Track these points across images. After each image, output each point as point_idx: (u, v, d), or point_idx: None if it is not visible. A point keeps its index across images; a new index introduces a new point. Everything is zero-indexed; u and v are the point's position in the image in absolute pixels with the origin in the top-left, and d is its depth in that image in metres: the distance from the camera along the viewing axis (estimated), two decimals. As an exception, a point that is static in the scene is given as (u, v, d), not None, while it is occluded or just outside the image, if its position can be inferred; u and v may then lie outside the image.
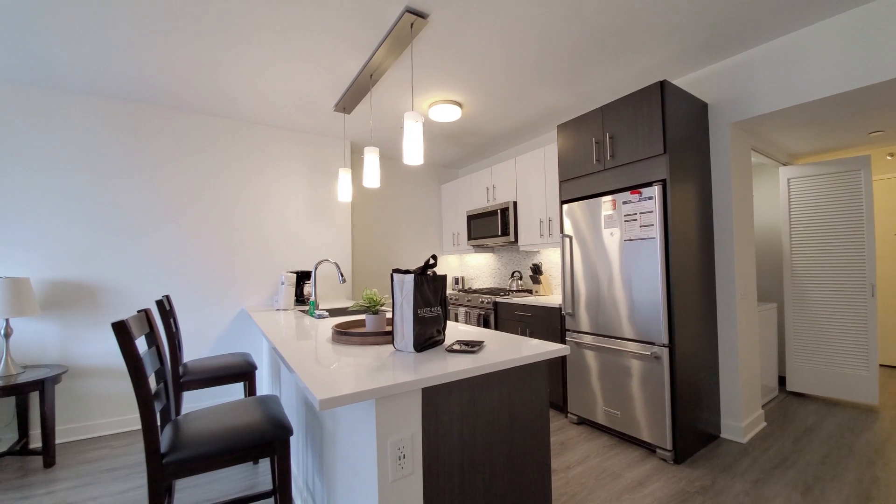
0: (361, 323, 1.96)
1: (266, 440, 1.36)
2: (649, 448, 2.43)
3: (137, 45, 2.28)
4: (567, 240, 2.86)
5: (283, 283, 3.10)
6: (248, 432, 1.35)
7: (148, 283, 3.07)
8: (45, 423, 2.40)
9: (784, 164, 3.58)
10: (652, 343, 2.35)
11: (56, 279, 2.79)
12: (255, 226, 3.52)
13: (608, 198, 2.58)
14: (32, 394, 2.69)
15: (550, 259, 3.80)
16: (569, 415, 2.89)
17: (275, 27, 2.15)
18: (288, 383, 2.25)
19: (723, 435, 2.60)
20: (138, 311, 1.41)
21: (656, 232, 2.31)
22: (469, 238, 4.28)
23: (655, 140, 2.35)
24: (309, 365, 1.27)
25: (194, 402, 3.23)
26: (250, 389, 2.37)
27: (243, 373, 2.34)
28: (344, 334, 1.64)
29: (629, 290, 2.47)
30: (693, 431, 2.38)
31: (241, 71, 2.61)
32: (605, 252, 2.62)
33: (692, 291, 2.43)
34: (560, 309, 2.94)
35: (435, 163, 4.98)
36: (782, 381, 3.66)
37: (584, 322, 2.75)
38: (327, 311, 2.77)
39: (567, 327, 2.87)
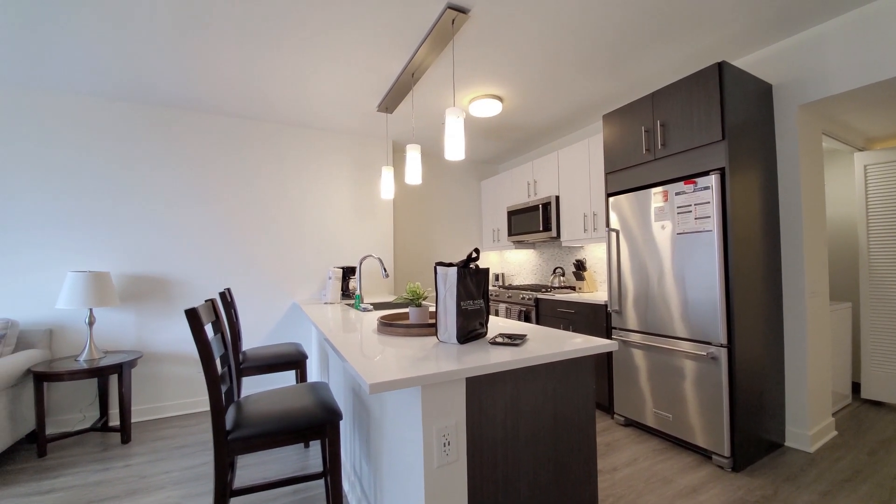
0: (405, 316, 2.00)
1: (318, 423, 1.43)
2: (704, 454, 2.30)
3: (207, 59, 2.46)
4: (613, 234, 2.76)
5: (330, 278, 3.23)
6: (303, 415, 1.43)
7: (212, 278, 3.32)
8: (123, 403, 2.66)
9: (860, 150, 3.24)
10: (708, 343, 2.22)
11: (133, 273, 3.08)
12: (303, 225, 3.69)
13: (659, 189, 2.46)
14: (112, 376, 3.00)
15: (594, 254, 3.68)
16: (615, 416, 2.80)
17: (318, 32, 2.24)
18: (336, 371, 2.35)
19: (787, 443, 2.41)
20: (206, 301, 1.52)
21: (713, 224, 2.17)
22: (509, 234, 4.24)
23: (713, 126, 2.21)
24: (358, 354, 1.32)
25: (251, 387, 3.45)
26: (302, 376, 2.50)
27: (295, 361, 2.47)
28: (389, 326, 1.69)
29: (681, 287, 2.35)
30: (754, 438, 2.22)
31: (302, 80, 2.74)
32: (654, 246, 2.50)
33: (754, 288, 2.27)
34: (605, 306, 2.84)
35: (475, 159, 4.97)
36: (856, 387, 3.33)
37: (632, 320, 2.65)
38: (371, 304, 2.86)
39: (613, 325, 2.77)
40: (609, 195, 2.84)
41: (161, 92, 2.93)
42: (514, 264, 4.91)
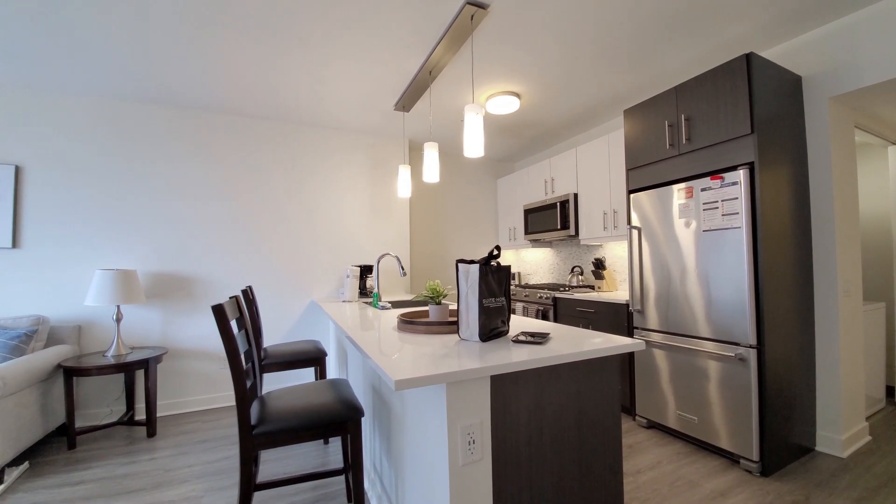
0: (424, 313, 2.00)
1: (340, 419, 1.44)
2: (731, 458, 2.23)
3: (227, 61, 2.49)
4: (635, 231, 2.70)
5: (348, 277, 3.25)
6: (325, 411, 1.43)
7: (233, 276, 3.38)
8: (149, 398, 2.72)
9: (894, 143, 3.10)
10: (736, 344, 2.15)
11: (158, 272, 3.16)
12: (320, 223, 3.73)
13: (683, 185, 2.40)
14: (138, 371, 3.08)
15: (614, 253, 3.61)
16: (637, 417, 2.74)
17: (334, 31, 2.25)
18: (355, 368, 2.36)
19: (818, 448, 2.32)
20: (231, 297, 1.55)
21: (742, 221, 2.10)
22: (526, 232, 4.20)
23: (741, 119, 2.14)
24: (380, 351, 1.31)
25: (271, 383, 3.50)
26: (321, 373, 2.52)
27: (315, 358, 2.49)
28: (410, 323, 1.68)
29: (706, 285, 2.28)
30: (783, 442, 2.15)
31: (319, 81, 2.76)
32: (677, 244, 2.44)
33: (785, 287, 2.19)
34: (627, 305, 2.79)
35: (491, 157, 4.94)
36: (890, 391, 3.19)
37: (653, 319, 2.59)
38: (389, 302, 2.86)
39: (635, 324, 2.72)
40: (630, 192, 2.79)
41: (184, 95, 2.99)
42: (531, 263, 4.86)
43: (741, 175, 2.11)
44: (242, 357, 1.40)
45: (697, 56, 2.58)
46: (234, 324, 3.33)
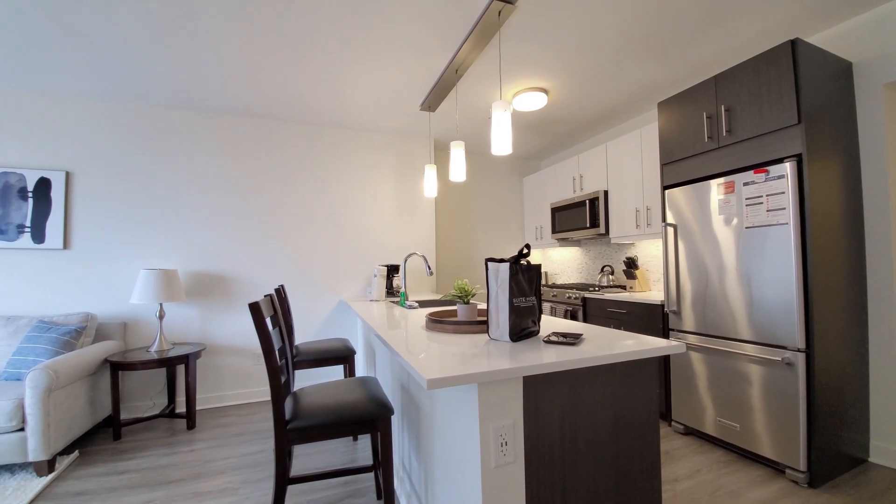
0: (453, 313, 1.99)
1: (371, 417, 1.45)
2: (776, 467, 2.12)
3: (256, 67, 2.57)
4: (670, 229, 2.60)
5: (375, 276, 3.28)
6: (356, 408, 1.45)
7: (266, 276, 3.49)
8: (189, 392, 2.84)
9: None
10: (783, 347, 2.04)
11: (197, 271, 3.30)
12: (347, 224, 3.79)
13: (723, 179, 2.29)
14: (179, 366, 3.22)
15: (647, 252, 3.50)
16: (673, 423, 2.64)
17: (362, 35, 2.27)
18: (383, 367, 2.38)
19: (871, 459, 2.16)
20: (266, 295, 1.59)
21: (789, 216, 1.99)
22: (553, 231, 4.12)
23: (786, 109, 2.02)
24: (410, 350, 1.31)
25: (301, 380, 3.58)
26: (350, 371, 2.56)
27: (344, 356, 2.52)
28: (438, 322, 1.67)
29: (747, 285, 2.17)
30: (833, 452, 2.01)
31: (349, 82, 2.81)
32: (715, 242, 2.33)
33: (836, 287, 2.05)
34: (661, 306, 2.68)
35: (516, 155, 4.88)
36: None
37: (690, 320, 2.49)
38: (417, 301, 2.87)
39: (670, 326, 2.61)
40: (665, 188, 2.68)
41: (220, 101, 3.10)
42: (558, 262, 4.77)
43: (788, 168, 1.99)
44: (277, 354, 1.43)
45: (735, 44, 2.46)
46: (268, 321, 3.42)
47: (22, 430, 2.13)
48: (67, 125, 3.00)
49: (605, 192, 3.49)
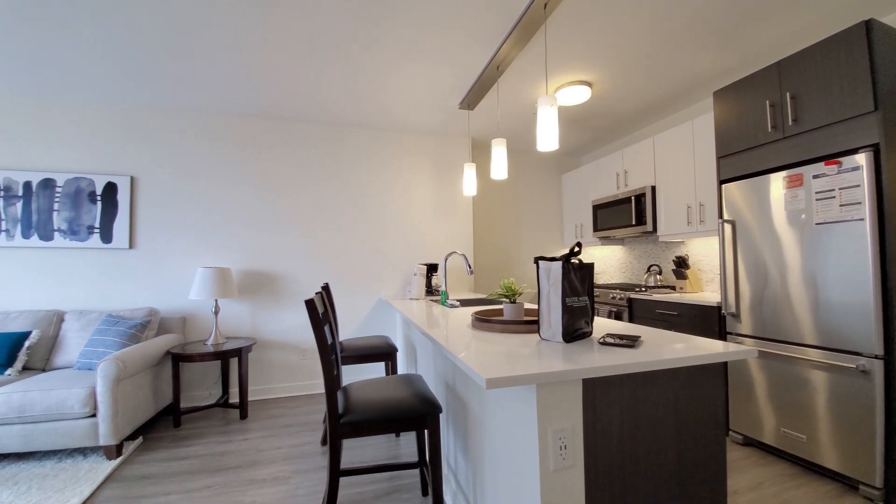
0: (498, 312, 1.97)
1: (420, 414, 1.46)
2: (847, 482, 1.95)
3: (309, 75, 2.66)
4: (728, 226, 2.45)
5: (415, 275, 3.31)
6: (405, 405, 1.46)
7: (310, 275, 3.61)
8: (242, 383, 2.98)
9: None
10: (856, 353, 1.87)
11: (248, 269, 3.46)
12: (387, 224, 3.84)
13: (788, 172, 2.13)
14: (232, 359, 3.39)
15: (699, 250, 3.32)
16: (731, 432, 2.49)
17: (402, 39, 2.29)
18: (425, 364, 2.40)
19: (967, 481, 1.95)
20: (317, 293, 1.63)
21: (865, 211, 1.82)
22: (595, 229, 4.00)
23: (861, 95, 1.85)
24: (461, 348, 1.31)
25: (343, 376, 3.68)
26: (392, 368, 2.59)
27: (387, 353, 2.56)
28: (485, 321, 1.66)
29: (813, 286, 2.01)
30: (919, 470, 1.83)
31: (389, 84, 2.85)
32: (777, 239, 2.18)
33: (921, 289, 1.87)
34: (718, 308, 2.54)
35: (555, 151, 4.78)
36: None
37: (748, 324, 2.34)
38: (458, 300, 2.87)
39: (728, 329, 2.47)
40: (722, 182, 2.53)
41: (264, 106, 3.23)
42: (600, 261, 4.63)
43: (863, 159, 1.83)
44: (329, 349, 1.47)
45: (796, 29, 2.28)
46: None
47: (93, 416, 2.30)
48: (131, 133, 3.23)
49: (653, 188, 3.35)
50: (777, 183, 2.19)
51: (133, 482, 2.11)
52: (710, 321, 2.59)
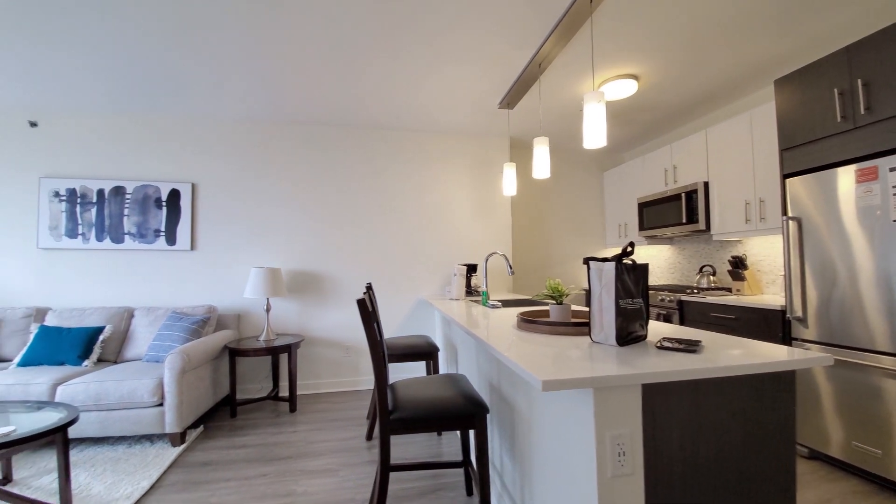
0: (543, 313, 1.94)
1: (468, 414, 1.47)
2: (935, 505, 1.77)
3: (351, 81, 2.74)
4: (793, 224, 2.29)
5: (455, 275, 3.33)
6: (453, 405, 1.48)
7: (354, 275, 3.74)
8: (291, 378, 3.13)
9: None
10: (946, 362, 1.70)
11: (296, 269, 3.63)
12: (426, 225, 3.89)
13: (860, 165, 1.97)
14: (282, 355, 3.55)
15: (758, 250, 3.12)
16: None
17: (439, 33, 2.30)
18: (468, 365, 2.40)
19: None
20: (364, 293, 1.69)
21: (957, 207, 1.65)
22: (641, 228, 3.85)
23: (953, 79, 1.68)
24: (511, 350, 1.31)
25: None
26: (434, 367, 2.62)
27: (428, 352, 2.60)
28: (532, 323, 1.65)
29: (887, 288, 1.85)
30: None
31: (430, 91, 2.89)
32: (846, 237, 2.01)
33: None
34: (782, 312, 2.37)
35: (595, 148, 4.64)
36: None
37: (814, 329, 2.17)
38: (499, 301, 2.86)
39: (794, 335, 2.30)
40: (785, 176, 2.37)
41: (312, 113, 3.36)
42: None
43: (956, 149, 1.65)
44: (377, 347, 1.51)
45: (863, 12, 2.10)
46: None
47: (160, 405, 2.49)
48: (193, 142, 3.46)
49: (705, 184, 3.18)
50: (847, 177, 2.02)
51: (195, 468, 2.26)
52: (772, 326, 2.42)
